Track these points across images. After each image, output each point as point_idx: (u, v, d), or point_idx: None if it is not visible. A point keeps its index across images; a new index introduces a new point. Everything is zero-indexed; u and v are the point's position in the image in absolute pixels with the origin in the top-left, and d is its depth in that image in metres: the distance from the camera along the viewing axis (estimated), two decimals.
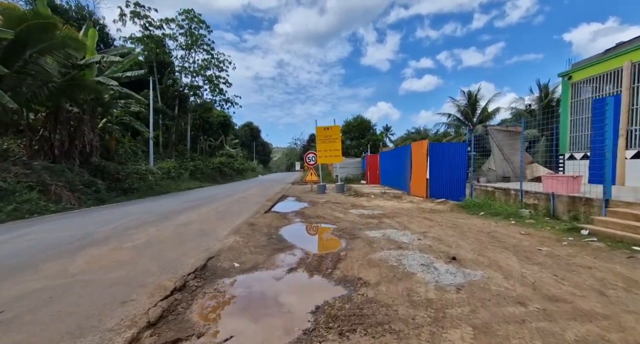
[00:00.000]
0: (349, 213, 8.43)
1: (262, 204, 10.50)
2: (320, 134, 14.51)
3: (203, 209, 9.51)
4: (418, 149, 11.70)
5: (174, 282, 3.31)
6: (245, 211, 8.95)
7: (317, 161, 14.75)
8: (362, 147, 30.47)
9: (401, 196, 11.82)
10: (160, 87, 23.56)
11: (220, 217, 7.98)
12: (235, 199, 12.27)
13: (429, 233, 5.77)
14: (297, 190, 16.82)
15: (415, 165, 12.07)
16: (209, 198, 12.81)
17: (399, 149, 15.57)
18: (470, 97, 31.11)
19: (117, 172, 13.53)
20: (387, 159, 16.66)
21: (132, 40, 21.81)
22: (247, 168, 43.80)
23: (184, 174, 20.11)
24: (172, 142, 24.45)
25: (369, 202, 10.83)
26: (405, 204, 9.94)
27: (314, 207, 9.76)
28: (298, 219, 7.80)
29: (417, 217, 7.48)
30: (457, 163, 10.59)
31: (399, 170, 14.48)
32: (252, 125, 66.08)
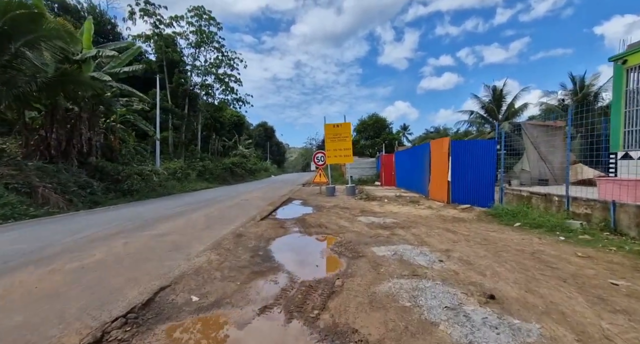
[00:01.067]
0: (356, 221, 7.28)
1: (262, 209, 9.53)
2: (329, 132, 13.40)
3: (195, 214, 8.63)
4: (438, 147, 10.37)
5: (83, 337, 2.31)
6: (239, 217, 7.99)
7: (326, 161, 13.66)
8: (378, 147, 29.07)
9: (418, 201, 10.52)
10: (170, 87, 23.23)
11: (209, 225, 7.04)
12: (236, 203, 11.37)
13: (453, 252, 4.55)
14: (305, 192, 15.79)
15: (435, 166, 10.73)
16: (209, 201, 11.99)
17: (416, 148, 14.23)
18: (495, 92, 29.04)
19: (117, 173, 12.98)
20: (403, 159, 15.32)
21: (141, 39, 21.56)
22: (260, 168, 43.32)
23: (191, 175, 19.55)
24: (182, 142, 24.07)
25: (381, 207, 9.62)
26: (422, 211, 8.67)
27: (318, 214, 8.67)
28: (296, 228, 6.74)
29: (437, 229, 6.24)
30: (484, 163, 9.20)
31: (416, 171, 13.14)
32: (266, 125, 65.84)
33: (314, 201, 11.68)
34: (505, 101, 29.04)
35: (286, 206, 10.85)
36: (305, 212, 9.15)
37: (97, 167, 12.32)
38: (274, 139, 71.22)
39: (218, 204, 10.83)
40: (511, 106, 28.43)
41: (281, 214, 8.95)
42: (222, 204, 10.97)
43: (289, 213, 9.05)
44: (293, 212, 9.14)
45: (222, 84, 26.89)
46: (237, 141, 46.16)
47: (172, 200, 12.60)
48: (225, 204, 10.99)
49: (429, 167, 11.39)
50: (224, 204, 10.82)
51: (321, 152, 14.17)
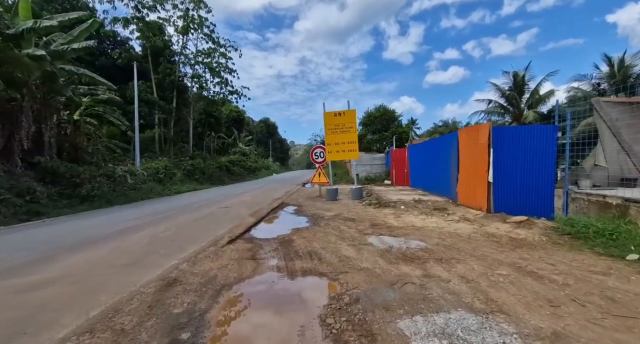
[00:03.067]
0: (366, 247, 4.89)
1: (239, 223, 7.21)
2: (329, 122, 10.98)
3: (140, 233, 6.33)
4: (471, 137, 7.88)
5: None
6: (199, 239, 5.68)
7: (327, 158, 11.26)
8: (386, 141, 26.52)
9: (446, 208, 8.06)
10: (156, 78, 21.03)
11: (139, 258, 4.70)
12: (211, 212, 9.06)
13: (570, 338, 2.14)
14: (303, 194, 13.43)
15: (466, 161, 8.25)
16: (179, 209, 9.70)
17: (436, 140, 11.73)
18: (516, 79, 26.20)
19: (76, 175, 10.79)
20: (419, 154, 12.82)
21: (119, 22, 19.31)
22: (261, 167, 41.12)
23: (177, 175, 17.35)
24: (170, 138, 21.90)
25: (397, 218, 7.20)
26: (458, 225, 6.23)
27: (313, 230, 6.30)
28: (274, 260, 4.39)
29: (499, 265, 3.81)
30: (540, 157, 6.72)
31: (437, 168, 10.65)
32: (268, 121, 63.61)
33: (310, 208, 9.31)
34: (528, 87, 26.22)
35: (274, 215, 8.51)
36: (296, 226, 6.79)
37: (48, 169, 10.13)
38: (277, 136, 69.00)
39: (185, 215, 8.53)
40: (535, 92, 25.62)
41: (263, 230, 6.60)
42: (191, 214, 8.67)
43: (274, 229, 6.70)
44: (280, 227, 6.79)
45: (213, 74, 24.54)
46: (236, 138, 44.06)
47: (137, 208, 10.38)
48: (195, 214, 8.69)
49: (456, 163, 8.91)
50: (193, 215, 8.52)
51: (320, 147, 11.77)
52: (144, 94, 18.27)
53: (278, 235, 5.98)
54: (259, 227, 6.83)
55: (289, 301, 3.12)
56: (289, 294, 3.30)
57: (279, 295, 3.27)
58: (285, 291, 3.36)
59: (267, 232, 6.37)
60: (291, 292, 3.35)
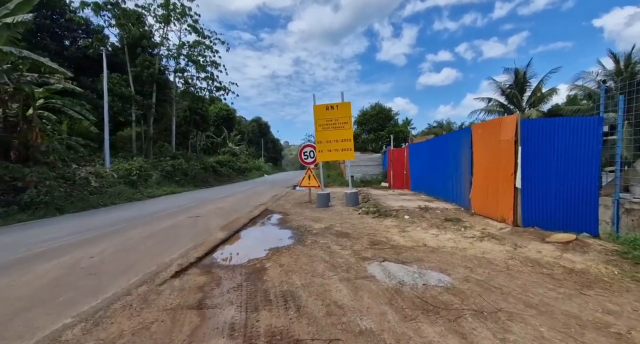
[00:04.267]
0: (364, 283, 3.43)
1: (206, 238, 5.70)
2: (320, 117, 9.51)
3: (58, 259, 4.74)
4: (490, 132, 6.50)
5: None
6: (136, 269, 4.16)
7: (317, 158, 9.79)
8: (383, 141, 25.19)
9: (459, 218, 6.66)
10: (134, 70, 19.29)
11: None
12: (175, 223, 7.48)
13: None
14: (292, 199, 11.94)
15: (484, 162, 6.87)
16: (141, 219, 8.12)
17: (444, 137, 10.33)
18: (517, 76, 25.09)
19: (20, 178, 9.13)
20: (422, 153, 11.44)
21: (88, 7, 17.52)
22: (252, 167, 39.46)
23: (153, 177, 15.66)
24: (149, 136, 20.15)
25: (403, 233, 5.76)
26: (483, 244, 4.81)
27: (295, 251, 4.82)
28: (229, 310, 2.91)
29: (580, 325, 2.38)
30: (580, 157, 5.37)
31: (444, 170, 9.27)
32: (260, 120, 61.90)
33: (297, 217, 7.82)
34: (529, 85, 25.15)
35: (252, 228, 7.00)
36: (275, 244, 5.31)
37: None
38: (270, 136, 67.34)
39: (140, 228, 6.94)
40: (537, 90, 24.55)
41: (231, 251, 5.09)
42: (149, 227, 7.07)
43: (246, 249, 5.20)
44: (254, 247, 5.29)
45: (197, 68, 22.84)
46: (226, 138, 42.36)
47: (89, 217, 8.76)
48: (154, 226, 7.09)
49: (469, 164, 7.53)
50: (150, 228, 6.93)
51: (310, 146, 10.29)
52: (117, 87, 16.60)
53: (249, 260, 4.50)
54: (227, 247, 5.32)
55: None
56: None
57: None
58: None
59: (236, 254, 4.87)
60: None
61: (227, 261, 4.56)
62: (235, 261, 4.52)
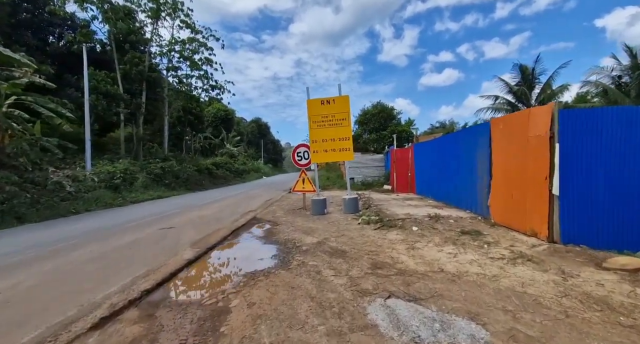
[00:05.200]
0: (363, 335, 2.33)
1: (167, 259, 4.61)
2: (315, 113, 8.43)
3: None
4: (515, 128, 5.40)
5: None
6: (32, 323, 3.06)
7: (311, 159, 8.69)
8: (385, 141, 24.08)
9: (478, 230, 5.53)
10: (122, 68, 18.31)
11: None
12: (140, 238, 6.36)
13: None
14: (285, 205, 10.85)
15: (506, 163, 5.76)
16: (104, 231, 7.04)
17: (455, 135, 9.19)
18: (524, 72, 23.92)
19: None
20: (429, 154, 10.33)
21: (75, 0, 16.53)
22: (250, 169, 38.43)
23: (139, 180, 14.62)
24: (138, 137, 19.12)
25: (412, 251, 4.65)
26: (518, 270, 3.68)
27: (275, 279, 3.73)
28: None
29: None
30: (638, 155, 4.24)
31: (456, 172, 8.16)
32: (260, 121, 60.95)
33: (287, 229, 6.73)
34: (538, 81, 23.96)
35: (232, 242, 5.92)
36: (252, 268, 4.23)
37: None
38: (269, 137, 66.39)
39: (94, 245, 5.85)
40: (547, 87, 23.36)
41: (192, 280, 4.00)
42: (104, 243, 5.96)
43: (211, 278, 4.12)
44: (222, 274, 4.22)
45: (190, 66, 21.81)
46: (224, 139, 41.41)
47: (48, 228, 7.72)
48: (110, 243, 5.97)
49: (487, 166, 6.43)
50: (106, 245, 5.84)
51: (304, 146, 9.20)
52: (103, 85, 15.62)
53: (211, 294, 3.42)
54: (190, 273, 4.24)
55: None
56: None
57: None
58: None
59: (198, 284, 3.79)
60: None
61: (183, 294, 3.48)
62: (193, 295, 3.44)
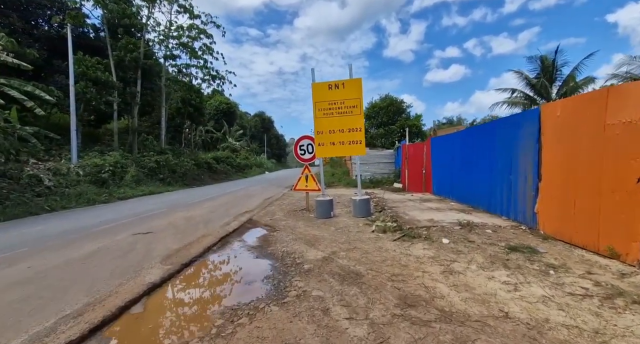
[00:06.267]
0: None
1: (124, 284, 3.46)
2: (321, 99, 7.19)
3: None
4: (584, 113, 4.13)
5: None
6: None
7: (316, 154, 7.48)
8: (393, 136, 22.75)
9: (530, 246, 4.30)
10: (116, 54, 17.16)
11: None
12: (101, 248, 5.17)
13: None
14: (285, 204, 9.69)
15: (564, 160, 4.51)
16: (54, 239, 5.89)
17: (487, 126, 7.82)
18: (544, 64, 22.34)
19: None
20: (451, 149, 9.06)
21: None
22: (252, 164, 37.34)
23: (128, 174, 13.54)
24: (133, 128, 18.03)
25: (449, 276, 3.44)
26: (628, 320, 2.46)
27: (263, 320, 2.55)
28: None
29: None
30: None
31: (488, 171, 6.89)
32: (264, 115, 59.69)
33: (286, 237, 5.55)
34: (560, 74, 22.39)
35: (213, 258, 4.76)
36: (232, 301, 3.07)
37: None
38: (273, 131, 65.17)
39: (35, 259, 4.72)
40: (570, 79, 21.79)
41: (135, 328, 2.83)
42: (50, 257, 4.80)
43: (172, 320, 2.94)
44: (188, 313, 3.04)
45: (189, 54, 20.60)
46: (226, 132, 40.31)
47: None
48: (62, 255, 4.81)
49: (533, 164, 5.18)
50: (48, 261, 4.67)
51: (308, 138, 7.98)
52: (92, 71, 14.51)
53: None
54: (145, 308, 3.08)
55: None
56: None
57: None
58: None
59: (149, 331, 2.63)
60: None
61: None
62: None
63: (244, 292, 3.33)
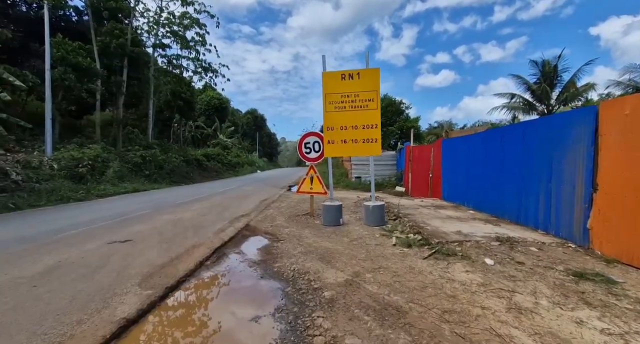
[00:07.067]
0: None
1: (75, 331, 2.51)
2: (332, 91, 6.33)
3: None
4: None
5: None
6: None
7: (324, 152, 6.62)
8: (392, 137, 22.11)
9: (598, 272, 3.55)
10: (100, 40, 15.85)
11: None
12: (61, 263, 4.16)
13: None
14: (285, 207, 8.78)
15: (636, 167, 3.77)
16: (25, 242, 4.86)
17: (520, 126, 6.94)
18: (544, 68, 22.07)
19: None
20: (470, 152, 8.33)
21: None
22: (244, 162, 36.15)
23: (111, 169, 12.35)
24: (117, 120, 16.73)
25: (525, 321, 2.62)
26: None
27: None
28: None
29: None
30: None
31: (519, 177, 6.15)
32: (256, 112, 58.36)
33: (292, 249, 4.66)
34: (560, 79, 22.19)
35: (205, 278, 3.83)
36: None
37: None
38: (265, 129, 63.88)
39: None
40: (570, 85, 21.58)
41: None
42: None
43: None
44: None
45: (180, 43, 19.38)
46: (217, 129, 38.99)
47: None
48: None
49: (585, 171, 4.47)
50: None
51: (314, 135, 7.09)
52: (72, 56, 13.26)
53: None
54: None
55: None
56: None
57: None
58: None
59: None
60: None
61: None
62: None
63: (251, 335, 2.45)
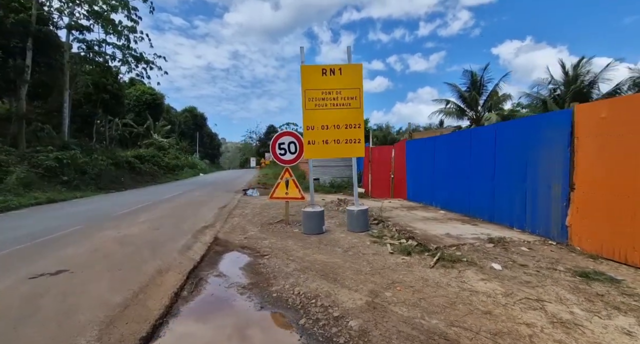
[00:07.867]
0: None
1: None
2: (312, 85, 5.76)
3: None
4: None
5: None
6: None
7: (304, 154, 6.01)
8: None
9: (596, 270, 3.68)
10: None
11: None
12: None
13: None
14: (251, 214, 7.86)
15: (614, 165, 4.06)
16: None
17: (492, 129, 7.15)
18: (474, 78, 24.72)
19: None
20: (436, 153, 8.53)
21: None
22: (184, 164, 32.97)
23: (14, 176, 9.71)
24: (19, 114, 13.39)
25: (577, 337, 2.45)
26: None
27: None
28: None
29: None
30: None
31: (491, 178, 6.39)
32: (195, 111, 53.97)
33: (285, 267, 3.97)
34: (485, 89, 25.09)
35: (185, 330, 2.94)
36: None
37: None
38: (206, 129, 59.54)
39: None
40: (494, 94, 24.58)
41: None
42: None
43: None
44: None
45: (104, 26, 16.46)
46: (150, 127, 34.89)
47: None
48: None
49: (563, 171, 4.74)
50: None
51: (290, 135, 6.42)
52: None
53: None
54: None
55: None
56: None
57: None
58: None
59: None
60: None
61: None
62: None
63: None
